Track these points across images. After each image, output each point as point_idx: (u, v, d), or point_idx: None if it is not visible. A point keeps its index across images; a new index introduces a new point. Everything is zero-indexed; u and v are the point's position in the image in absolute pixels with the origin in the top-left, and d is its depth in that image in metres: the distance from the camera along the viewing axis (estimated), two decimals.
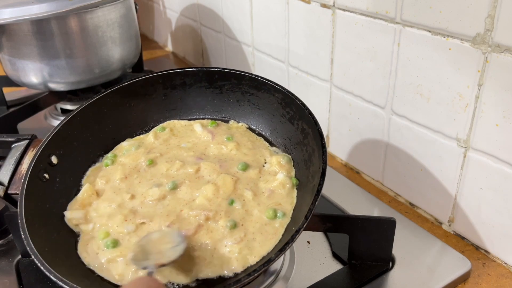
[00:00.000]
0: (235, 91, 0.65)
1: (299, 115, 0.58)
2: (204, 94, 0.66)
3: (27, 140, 0.58)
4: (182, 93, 0.66)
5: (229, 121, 0.66)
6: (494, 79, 0.50)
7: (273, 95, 0.61)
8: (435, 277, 0.54)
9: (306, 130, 0.56)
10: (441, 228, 0.63)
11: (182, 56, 1.29)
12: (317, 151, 0.52)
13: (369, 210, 0.65)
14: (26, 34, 0.78)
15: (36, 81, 0.83)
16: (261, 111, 0.64)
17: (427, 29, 0.56)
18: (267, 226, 0.51)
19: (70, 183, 0.57)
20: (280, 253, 0.43)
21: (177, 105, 0.66)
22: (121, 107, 0.64)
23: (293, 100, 0.58)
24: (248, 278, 0.43)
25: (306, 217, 0.45)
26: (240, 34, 0.95)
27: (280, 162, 0.58)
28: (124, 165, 0.60)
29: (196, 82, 0.66)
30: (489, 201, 0.56)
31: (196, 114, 0.67)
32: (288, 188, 0.55)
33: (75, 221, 0.53)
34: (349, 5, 0.65)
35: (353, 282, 0.53)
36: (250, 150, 0.60)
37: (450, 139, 0.58)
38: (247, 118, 0.65)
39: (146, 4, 1.41)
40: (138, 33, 0.95)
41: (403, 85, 0.61)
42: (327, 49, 0.72)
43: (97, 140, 0.62)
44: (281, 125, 0.61)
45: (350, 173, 0.76)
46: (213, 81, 0.65)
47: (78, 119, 0.60)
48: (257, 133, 0.64)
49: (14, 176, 0.54)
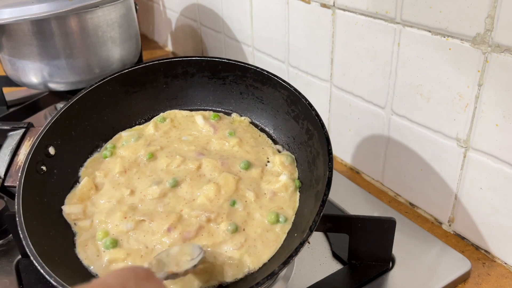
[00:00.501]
0: (238, 83, 0.63)
1: (305, 115, 0.56)
2: (207, 84, 0.64)
3: (23, 128, 0.56)
4: (183, 83, 0.64)
5: (231, 113, 0.64)
6: (494, 79, 0.50)
7: (278, 91, 0.59)
8: (435, 277, 0.54)
9: (312, 131, 0.55)
10: (441, 228, 0.63)
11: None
12: (322, 156, 0.51)
13: (369, 210, 0.65)
14: (26, 34, 0.78)
15: (36, 81, 0.83)
16: (265, 106, 0.62)
17: (427, 29, 0.56)
18: (269, 232, 0.50)
19: (68, 174, 0.56)
20: (284, 266, 0.42)
21: (178, 94, 0.65)
22: (120, 95, 0.62)
23: (299, 98, 0.56)
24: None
25: (310, 228, 0.44)
26: (240, 34, 0.95)
27: (283, 162, 0.57)
28: (123, 157, 0.58)
29: (198, 72, 0.64)
30: (489, 201, 0.56)
31: (197, 104, 0.65)
32: (291, 191, 0.54)
33: (73, 216, 0.53)
34: (349, 5, 0.65)
35: (353, 282, 0.53)
36: (253, 148, 0.59)
37: (450, 139, 0.58)
38: (250, 112, 0.63)
39: (146, 4, 1.41)
40: (138, 33, 0.95)
41: (403, 85, 0.61)
42: (327, 49, 0.72)
43: (96, 129, 0.60)
44: (285, 123, 0.60)
45: (350, 173, 0.76)
46: (217, 72, 0.63)
47: (76, 107, 0.59)
48: (260, 128, 0.63)
49: (10, 168, 0.52)
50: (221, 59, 0.63)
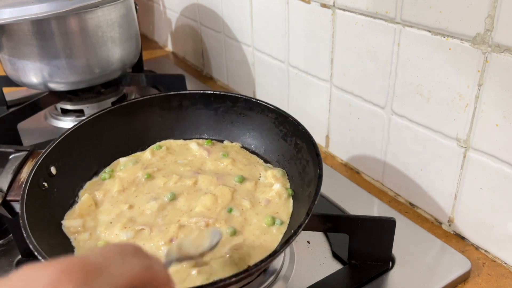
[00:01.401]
0: (229, 112, 0.68)
1: (292, 132, 0.61)
2: (200, 115, 0.68)
3: (26, 151, 0.58)
4: (178, 115, 0.68)
5: (223, 141, 0.68)
6: (494, 79, 0.50)
7: (266, 115, 0.64)
8: (435, 277, 0.54)
9: (300, 144, 0.59)
10: (441, 228, 0.63)
11: (182, 56, 1.29)
12: (312, 162, 0.55)
13: (369, 210, 0.65)
14: (26, 34, 0.77)
15: (36, 81, 0.83)
16: (254, 131, 0.67)
17: (427, 29, 0.56)
18: (266, 235, 0.52)
19: (68, 194, 0.58)
20: (286, 245, 0.43)
21: (173, 125, 0.69)
22: (119, 125, 0.66)
23: (286, 118, 0.61)
24: (255, 267, 0.42)
25: (309, 210, 0.46)
26: (240, 34, 0.95)
27: (275, 175, 0.60)
28: (122, 178, 0.60)
29: (192, 105, 0.68)
30: (489, 201, 0.56)
31: (191, 134, 0.69)
32: (284, 198, 0.57)
33: (73, 229, 0.53)
34: (349, 5, 0.65)
35: (353, 282, 0.53)
36: (246, 166, 0.63)
37: (450, 139, 0.58)
38: (241, 138, 0.68)
39: (146, 4, 1.41)
40: (138, 33, 0.95)
41: (403, 85, 0.61)
42: (327, 49, 0.72)
43: (95, 155, 0.63)
44: (275, 143, 0.64)
45: (350, 173, 0.76)
46: (209, 104, 0.68)
47: (78, 133, 0.61)
48: (251, 151, 0.66)
49: (13, 184, 0.54)
50: (214, 92, 0.67)
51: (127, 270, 0.27)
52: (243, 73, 0.99)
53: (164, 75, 1.06)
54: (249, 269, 0.42)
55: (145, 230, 0.52)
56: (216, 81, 1.13)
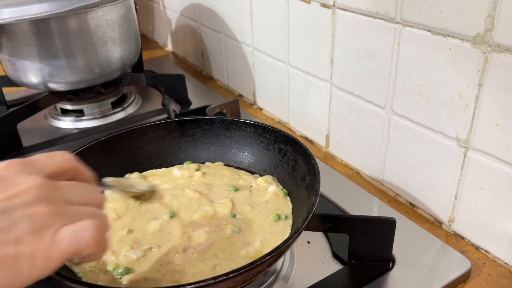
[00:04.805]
0: (207, 136, 0.68)
1: (273, 140, 0.62)
2: (177, 143, 0.68)
3: None
4: (156, 146, 0.67)
5: (205, 162, 0.67)
6: (494, 79, 0.50)
7: (245, 130, 0.65)
8: (435, 277, 0.54)
9: (284, 148, 0.61)
10: (441, 228, 0.63)
11: (182, 56, 1.29)
12: (301, 159, 0.57)
13: (369, 210, 0.65)
14: (26, 34, 0.77)
15: (36, 81, 0.83)
16: (234, 148, 0.67)
17: (427, 29, 0.56)
18: (273, 227, 0.54)
19: None
20: (297, 234, 0.44)
21: (151, 157, 0.67)
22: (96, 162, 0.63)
23: (265, 128, 0.63)
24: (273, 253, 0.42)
25: (313, 202, 0.47)
26: (240, 34, 0.95)
27: (266, 180, 0.61)
28: (114, 208, 0.58)
29: (168, 134, 0.67)
30: (489, 201, 0.56)
31: (171, 163, 0.67)
32: (282, 197, 0.59)
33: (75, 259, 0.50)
34: (349, 5, 0.65)
35: (353, 282, 0.53)
36: (234, 176, 0.63)
37: (450, 139, 0.58)
38: (222, 157, 0.67)
39: (146, 4, 1.41)
40: (138, 33, 0.95)
41: (403, 85, 0.61)
42: (327, 49, 0.72)
43: None
44: (258, 154, 0.65)
45: (350, 173, 0.76)
46: (185, 130, 0.68)
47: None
48: (235, 167, 0.66)
49: None
50: (189, 117, 0.67)
51: (53, 161, 0.38)
52: (243, 73, 0.99)
53: (164, 75, 1.06)
54: (267, 255, 0.42)
55: (154, 248, 0.51)
56: (216, 81, 1.13)
